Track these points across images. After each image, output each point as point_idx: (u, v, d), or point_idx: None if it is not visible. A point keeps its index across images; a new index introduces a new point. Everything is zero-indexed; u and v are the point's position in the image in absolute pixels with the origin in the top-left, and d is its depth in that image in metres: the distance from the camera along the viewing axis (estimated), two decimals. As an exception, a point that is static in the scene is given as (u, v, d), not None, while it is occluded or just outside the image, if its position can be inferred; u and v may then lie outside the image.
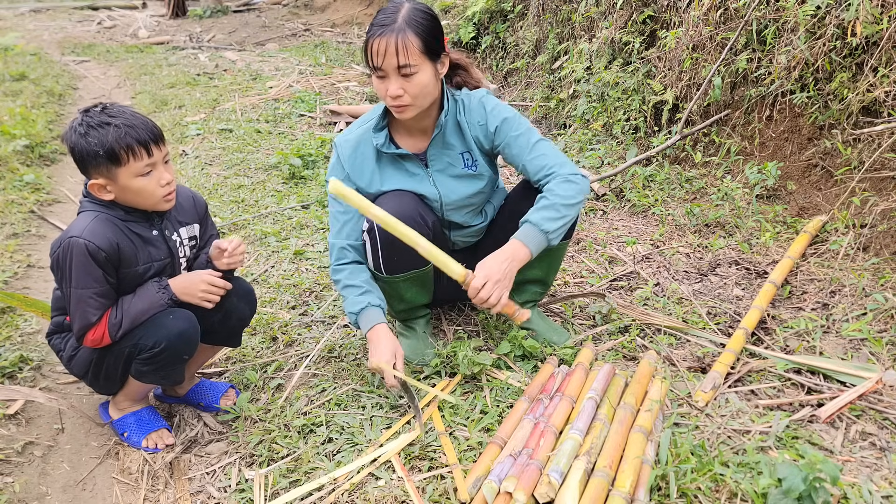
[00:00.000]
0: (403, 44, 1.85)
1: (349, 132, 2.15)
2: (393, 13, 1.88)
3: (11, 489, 1.83)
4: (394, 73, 1.89)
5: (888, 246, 2.60)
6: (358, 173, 2.12)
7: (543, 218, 1.94)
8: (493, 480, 1.60)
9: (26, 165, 4.54)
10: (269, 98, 6.29)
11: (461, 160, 2.14)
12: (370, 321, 2.04)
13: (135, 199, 1.81)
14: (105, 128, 1.71)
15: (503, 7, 6.31)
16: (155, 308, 1.83)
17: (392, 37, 1.85)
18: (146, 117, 1.81)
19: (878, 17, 2.79)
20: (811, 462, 1.46)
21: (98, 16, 13.54)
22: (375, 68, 1.91)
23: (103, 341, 1.80)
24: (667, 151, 3.78)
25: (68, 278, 1.74)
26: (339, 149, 2.13)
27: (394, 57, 1.86)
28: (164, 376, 1.91)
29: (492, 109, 2.09)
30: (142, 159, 1.74)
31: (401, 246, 1.99)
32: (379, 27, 1.87)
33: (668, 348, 2.28)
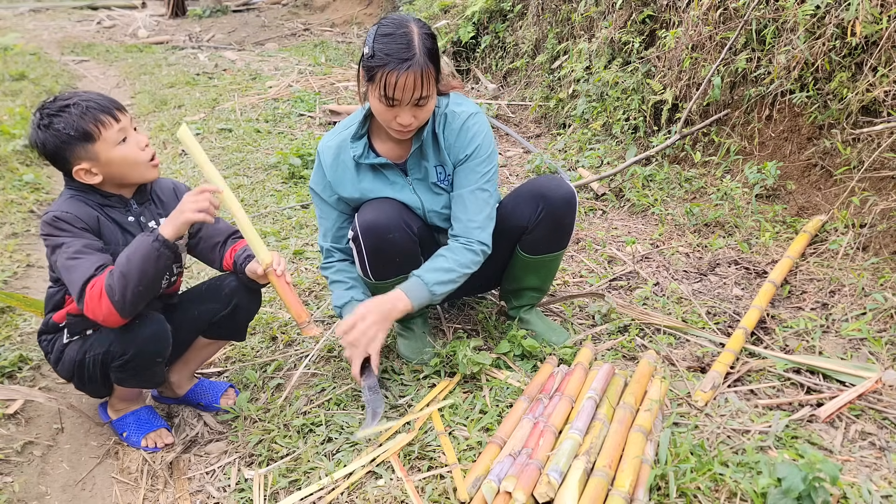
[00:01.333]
0: (426, 79, 1.81)
1: (331, 137, 2.11)
2: (408, 44, 1.78)
3: (11, 489, 1.83)
4: (409, 104, 1.84)
5: (888, 245, 2.61)
6: (339, 182, 2.09)
7: (437, 281, 1.96)
8: (492, 480, 1.60)
9: (26, 165, 4.54)
10: (269, 98, 6.29)
11: (435, 173, 2.09)
12: None
13: (122, 171, 1.80)
14: (65, 111, 1.72)
15: (502, 7, 6.31)
16: (144, 250, 1.67)
17: (417, 72, 1.78)
18: (103, 93, 1.83)
19: (877, 16, 2.79)
20: (811, 462, 1.47)
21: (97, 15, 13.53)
22: (390, 99, 1.82)
23: (102, 303, 1.66)
24: (666, 151, 3.78)
25: (57, 245, 1.71)
26: (321, 155, 2.10)
27: (417, 91, 1.81)
28: (143, 380, 1.90)
29: (472, 137, 2.03)
30: (112, 127, 1.75)
31: (387, 254, 2.03)
32: (398, 61, 1.77)
33: (667, 348, 2.28)
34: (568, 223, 2.17)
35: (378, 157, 2.05)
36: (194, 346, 2.13)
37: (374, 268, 2.07)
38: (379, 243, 2.02)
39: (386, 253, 2.03)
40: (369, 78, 1.84)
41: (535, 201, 2.13)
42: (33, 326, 2.61)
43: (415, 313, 2.29)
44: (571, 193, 2.13)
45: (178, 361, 2.14)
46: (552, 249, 2.20)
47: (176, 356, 2.14)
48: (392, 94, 1.81)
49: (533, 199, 2.14)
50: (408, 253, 2.07)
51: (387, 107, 1.85)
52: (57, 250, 1.71)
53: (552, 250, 2.21)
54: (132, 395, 2.03)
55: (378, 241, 2.01)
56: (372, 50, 1.81)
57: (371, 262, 2.06)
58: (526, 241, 2.18)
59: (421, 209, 2.12)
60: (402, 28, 1.81)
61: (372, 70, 1.81)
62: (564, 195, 2.12)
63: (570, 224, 2.17)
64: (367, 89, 1.89)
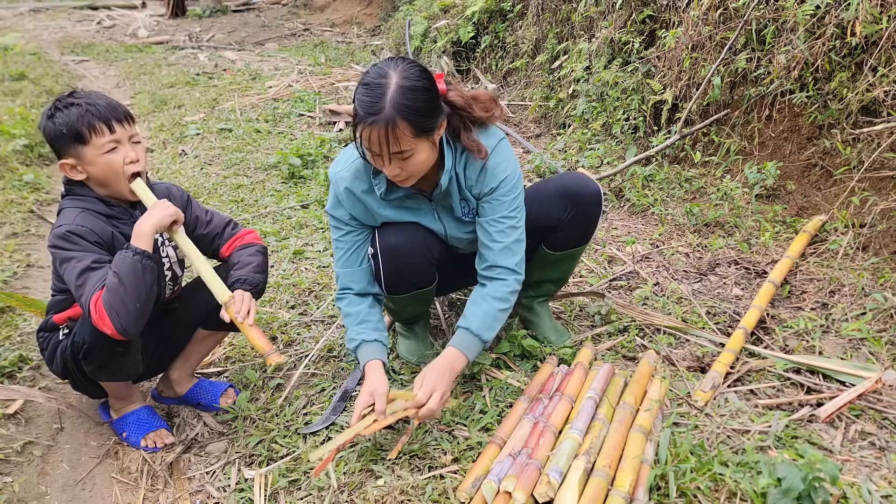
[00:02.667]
0: (395, 135, 1.68)
1: (344, 167, 1.98)
2: (380, 97, 1.68)
3: (11, 489, 1.83)
4: (388, 157, 1.74)
5: (887, 245, 2.61)
6: (362, 213, 2.02)
7: (483, 327, 1.93)
8: (492, 480, 1.60)
9: (25, 165, 4.54)
10: (269, 98, 6.29)
11: (459, 208, 2.04)
12: (364, 357, 1.98)
13: (104, 177, 1.82)
14: (69, 108, 1.77)
15: (502, 7, 6.31)
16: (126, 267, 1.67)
17: (381, 128, 1.67)
18: (113, 99, 1.85)
19: (877, 16, 2.79)
20: (810, 462, 1.47)
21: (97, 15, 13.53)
22: (370, 151, 1.76)
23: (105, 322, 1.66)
24: (666, 151, 3.78)
25: (66, 259, 1.72)
26: (336, 187, 1.99)
27: (386, 146, 1.71)
28: (113, 371, 1.87)
29: (495, 172, 1.94)
30: (104, 135, 1.78)
31: (405, 275, 2.03)
32: (368, 115, 1.68)
33: (667, 348, 2.28)
34: (596, 219, 2.17)
35: (399, 189, 1.94)
36: (194, 339, 2.13)
37: (391, 285, 2.07)
38: (398, 265, 2.01)
39: (404, 274, 2.04)
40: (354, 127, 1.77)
41: (564, 201, 2.12)
42: (33, 326, 2.61)
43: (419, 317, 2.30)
44: (599, 191, 2.14)
45: (179, 357, 2.15)
46: (577, 244, 2.21)
47: (176, 351, 2.14)
48: (370, 148, 1.75)
49: (561, 200, 2.12)
50: (425, 274, 2.08)
51: (373, 156, 1.78)
52: (65, 264, 1.73)
53: (577, 245, 2.21)
54: (126, 393, 2.03)
55: (398, 263, 2.01)
56: (354, 98, 1.75)
57: (388, 280, 2.05)
58: (552, 238, 2.18)
59: (444, 234, 2.09)
60: (379, 78, 1.71)
61: (355, 120, 1.75)
62: (593, 193, 2.12)
63: (598, 219, 2.19)
64: None
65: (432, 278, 2.14)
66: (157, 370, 2.18)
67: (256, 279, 1.97)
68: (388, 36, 8.94)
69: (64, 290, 1.87)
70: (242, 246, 2.07)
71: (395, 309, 2.25)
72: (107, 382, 1.96)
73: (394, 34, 8.49)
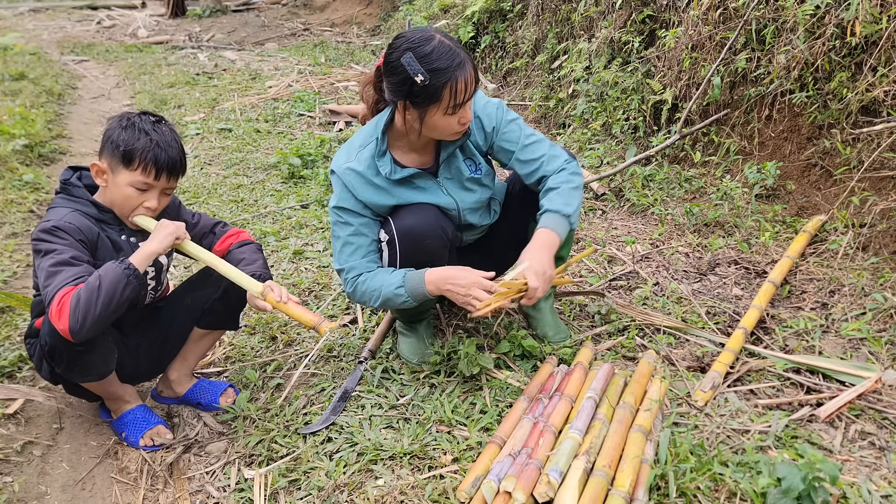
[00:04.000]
0: (475, 75, 1.88)
1: (347, 159, 2.06)
2: (449, 49, 1.84)
3: (11, 489, 1.83)
4: (469, 98, 1.90)
5: (887, 245, 2.61)
6: (371, 200, 2.05)
7: (562, 203, 2.00)
8: (492, 480, 1.60)
9: (25, 165, 4.54)
10: (269, 98, 6.29)
11: (465, 168, 2.13)
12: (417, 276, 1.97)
13: (114, 200, 1.86)
14: (143, 134, 1.80)
15: (502, 7, 6.31)
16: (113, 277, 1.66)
17: (469, 69, 1.85)
18: (181, 149, 1.88)
19: (877, 16, 2.79)
20: (810, 461, 1.47)
21: (97, 15, 13.53)
22: (458, 104, 1.87)
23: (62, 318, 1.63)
24: (666, 151, 3.78)
25: (47, 251, 1.71)
26: (343, 178, 2.04)
27: (473, 85, 1.89)
28: (83, 371, 1.84)
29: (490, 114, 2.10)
30: (147, 176, 1.81)
31: (420, 258, 2.02)
32: (456, 67, 1.83)
33: (667, 348, 2.28)
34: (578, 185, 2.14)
35: (405, 168, 2.04)
36: (190, 338, 2.13)
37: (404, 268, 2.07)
38: (415, 247, 2.02)
39: (420, 256, 2.04)
40: (433, 100, 1.85)
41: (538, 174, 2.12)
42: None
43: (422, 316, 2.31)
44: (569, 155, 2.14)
45: (177, 358, 2.15)
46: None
47: (174, 351, 2.14)
48: (461, 98, 1.86)
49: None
50: (440, 256, 2.08)
51: (452, 115, 1.89)
52: (45, 256, 1.71)
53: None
54: (118, 393, 2.03)
55: (414, 246, 2.02)
56: (426, 75, 1.81)
57: (403, 263, 2.05)
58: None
59: (456, 208, 2.14)
60: (432, 41, 1.84)
61: (435, 90, 1.83)
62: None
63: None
64: (425, 113, 1.89)
65: (444, 262, 2.12)
66: (156, 371, 2.18)
67: (268, 275, 2.00)
68: (387, 36, 8.95)
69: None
70: (240, 243, 2.07)
71: None
72: (86, 384, 1.95)
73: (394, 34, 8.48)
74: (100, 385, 1.96)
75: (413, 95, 1.86)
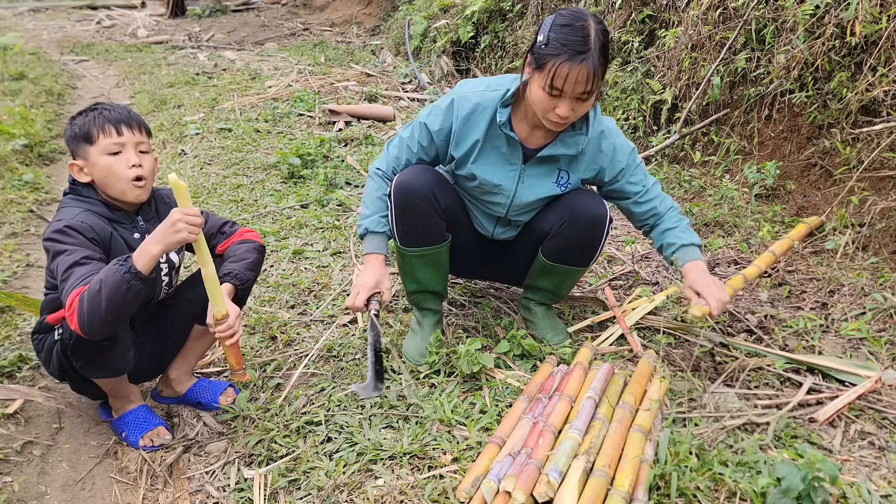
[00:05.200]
0: (596, 74, 1.81)
1: (474, 88, 2.08)
2: (584, 37, 1.78)
3: (10, 488, 1.83)
4: (572, 96, 1.84)
5: (887, 245, 2.61)
6: (464, 136, 2.08)
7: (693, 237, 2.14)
8: (492, 479, 1.60)
9: (25, 165, 4.54)
10: (268, 97, 6.28)
11: (556, 175, 2.13)
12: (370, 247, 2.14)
13: (105, 180, 1.85)
14: (89, 113, 1.86)
15: (502, 6, 6.31)
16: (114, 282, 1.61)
17: (589, 67, 1.78)
18: (133, 111, 1.91)
19: (877, 16, 2.79)
20: (810, 461, 1.47)
21: (97, 15, 13.52)
22: (555, 88, 1.83)
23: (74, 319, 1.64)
24: (666, 151, 3.78)
25: (59, 252, 1.71)
26: (458, 102, 2.07)
27: (583, 85, 1.81)
28: (102, 367, 1.85)
29: (621, 146, 2.11)
30: (110, 136, 1.83)
31: (410, 218, 2.11)
32: (573, 52, 1.77)
33: (667, 348, 2.28)
34: (589, 242, 2.17)
35: (513, 132, 2.05)
36: (191, 336, 2.12)
37: (401, 231, 2.17)
38: (405, 203, 2.10)
39: (409, 216, 2.11)
40: (538, 66, 1.85)
41: (563, 212, 2.15)
42: (32, 326, 2.61)
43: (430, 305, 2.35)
44: (600, 216, 2.13)
45: (177, 357, 2.15)
46: (570, 262, 2.22)
47: (174, 349, 2.14)
48: (560, 86, 1.81)
49: (561, 209, 2.16)
50: (430, 224, 2.14)
51: (549, 96, 1.86)
52: (58, 257, 1.72)
53: (570, 263, 2.22)
54: (124, 392, 2.03)
55: (404, 201, 2.10)
56: (547, 38, 1.82)
57: (398, 222, 2.15)
58: (547, 245, 2.22)
59: (510, 196, 2.15)
60: (580, 21, 1.81)
61: (543, 58, 1.82)
62: (591, 216, 2.13)
63: (594, 244, 2.18)
64: (531, 77, 1.91)
65: (440, 235, 2.18)
66: (158, 370, 2.18)
67: (246, 276, 1.97)
68: (387, 36, 8.95)
69: (56, 286, 1.85)
70: (240, 241, 2.07)
71: (407, 272, 2.27)
72: (101, 380, 1.95)
73: (393, 34, 8.49)
74: (111, 382, 1.97)
75: (532, 51, 1.89)
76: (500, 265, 2.43)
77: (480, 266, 2.49)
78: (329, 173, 4.18)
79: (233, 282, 1.93)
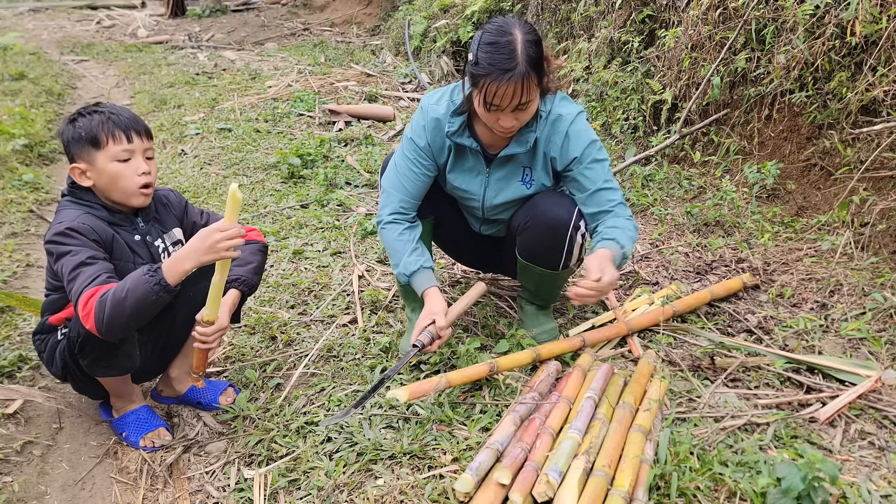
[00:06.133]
0: (526, 87, 1.83)
1: (440, 99, 2.12)
2: (510, 53, 1.80)
3: (10, 488, 1.83)
4: (511, 109, 1.88)
5: (887, 245, 2.61)
6: (437, 148, 2.14)
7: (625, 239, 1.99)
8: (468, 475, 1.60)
9: (25, 165, 4.54)
10: (268, 97, 6.28)
11: (520, 173, 2.16)
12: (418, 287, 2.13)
13: (110, 185, 1.84)
14: (93, 115, 1.82)
15: (502, 6, 6.31)
16: (142, 292, 1.62)
17: (518, 82, 1.81)
18: (136, 114, 1.90)
19: (877, 16, 2.79)
20: (810, 461, 1.47)
21: (97, 15, 13.52)
22: (491, 104, 1.87)
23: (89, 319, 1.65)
24: (666, 151, 3.78)
25: (63, 253, 1.72)
26: (426, 115, 2.12)
27: (517, 98, 1.85)
28: (108, 365, 1.86)
29: (575, 134, 2.06)
30: (120, 143, 1.81)
31: None
32: (500, 71, 1.80)
33: (666, 348, 2.28)
34: (550, 245, 2.11)
35: (469, 139, 2.09)
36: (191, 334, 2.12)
37: None
38: None
39: None
40: (474, 83, 1.89)
41: (528, 212, 2.15)
42: (32, 326, 2.61)
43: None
44: (560, 219, 2.07)
45: (178, 356, 2.15)
46: (538, 263, 2.19)
47: (175, 348, 2.14)
48: (496, 102, 1.86)
49: (526, 209, 2.17)
50: None
51: (488, 112, 1.91)
52: (62, 258, 1.72)
53: (538, 264, 2.19)
54: (127, 392, 2.03)
55: None
56: (476, 58, 1.85)
57: None
58: (517, 242, 2.23)
59: (480, 200, 2.21)
60: (505, 36, 1.83)
61: (475, 77, 1.87)
62: (551, 218, 2.08)
63: (555, 247, 2.11)
64: (471, 93, 1.94)
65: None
66: (159, 369, 2.18)
67: (254, 281, 2.00)
68: (387, 35, 8.94)
69: (58, 288, 1.86)
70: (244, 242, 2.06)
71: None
72: (105, 379, 1.96)
73: (393, 34, 8.49)
74: (116, 381, 1.97)
75: (468, 73, 1.92)
76: (497, 258, 2.48)
77: (481, 258, 2.57)
78: (329, 173, 4.18)
79: (241, 288, 1.96)
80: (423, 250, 2.18)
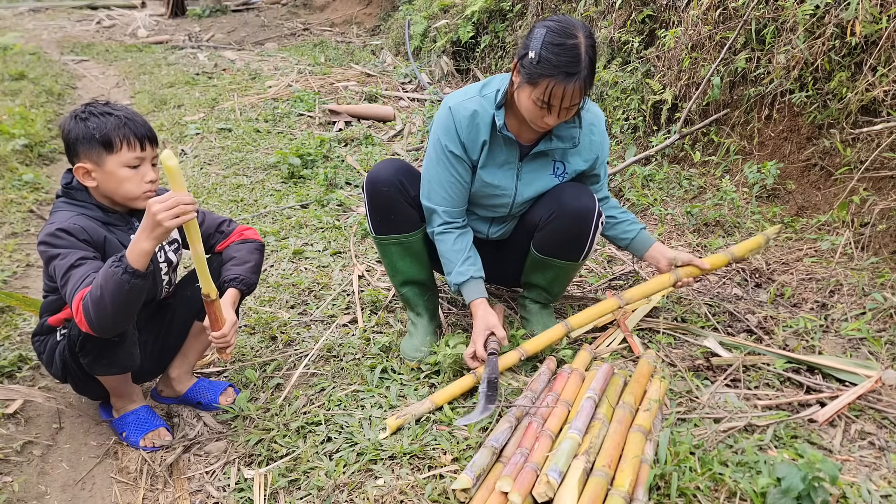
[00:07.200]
0: (585, 89, 1.89)
1: (463, 98, 2.11)
2: (576, 57, 1.84)
3: (10, 488, 1.83)
4: (562, 109, 1.91)
5: (887, 245, 2.61)
6: (472, 144, 2.12)
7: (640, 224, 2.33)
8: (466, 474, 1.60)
9: (25, 165, 4.54)
10: (268, 97, 6.28)
11: (552, 167, 2.18)
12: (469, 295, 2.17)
13: (115, 189, 1.83)
14: (107, 116, 1.79)
15: (502, 6, 6.31)
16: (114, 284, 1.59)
17: (580, 86, 1.86)
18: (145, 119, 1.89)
19: (877, 16, 2.79)
20: (810, 461, 1.47)
21: (97, 15, 13.52)
22: (546, 103, 1.90)
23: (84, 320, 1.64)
24: (666, 151, 3.78)
25: (53, 256, 1.71)
26: (454, 114, 2.09)
27: (575, 100, 1.90)
28: (109, 363, 1.86)
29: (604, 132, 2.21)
30: (134, 150, 1.80)
31: (380, 206, 2.18)
32: (565, 74, 1.84)
33: (666, 348, 2.28)
34: (577, 235, 2.17)
35: (510, 132, 2.10)
36: (191, 333, 2.13)
37: (375, 221, 2.25)
38: (373, 192, 2.20)
39: (379, 204, 2.21)
40: (530, 81, 1.89)
41: (551, 204, 2.18)
42: (32, 326, 2.61)
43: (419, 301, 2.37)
44: (588, 209, 2.14)
45: (178, 355, 2.15)
46: (560, 256, 2.23)
47: (175, 347, 2.14)
48: (554, 103, 1.89)
49: (549, 201, 2.19)
50: (401, 212, 2.21)
51: (539, 108, 1.92)
52: (53, 261, 1.71)
53: (560, 257, 2.23)
54: (127, 391, 2.03)
55: (373, 191, 2.20)
56: (539, 56, 1.85)
57: (370, 212, 2.24)
58: (536, 238, 2.24)
59: (511, 195, 2.20)
60: (571, 39, 1.84)
61: (535, 76, 1.87)
62: (578, 208, 2.14)
63: (581, 237, 2.18)
64: (520, 87, 1.94)
65: (413, 223, 2.24)
66: (158, 369, 2.18)
67: (252, 280, 2.00)
68: (387, 36, 8.94)
69: (55, 289, 1.86)
70: (241, 241, 2.07)
71: (387, 263, 2.32)
72: (106, 378, 1.96)
73: (393, 34, 8.49)
74: (116, 381, 1.97)
75: (522, 63, 1.92)
76: (497, 264, 2.43)
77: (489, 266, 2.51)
78: (329, 173, 4.18)
79: (239, 287, 1.95)
80: (476, 258, 2.20)
